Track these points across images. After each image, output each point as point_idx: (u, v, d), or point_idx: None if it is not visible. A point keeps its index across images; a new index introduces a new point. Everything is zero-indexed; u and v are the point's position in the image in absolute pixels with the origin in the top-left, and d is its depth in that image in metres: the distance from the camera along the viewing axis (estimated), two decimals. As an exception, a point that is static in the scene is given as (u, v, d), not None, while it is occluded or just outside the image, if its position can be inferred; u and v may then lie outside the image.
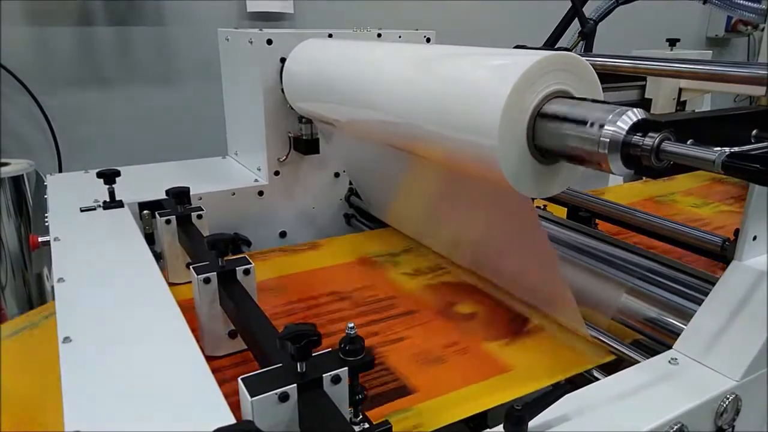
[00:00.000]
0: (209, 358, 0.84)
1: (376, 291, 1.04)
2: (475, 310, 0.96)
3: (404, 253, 1.20)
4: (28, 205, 1.90)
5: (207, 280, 0.81)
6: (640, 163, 0.57)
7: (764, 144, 0.62)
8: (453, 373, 0.80)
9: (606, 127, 0.58)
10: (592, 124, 0.59)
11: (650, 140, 0.56)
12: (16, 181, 1.88)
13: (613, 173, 0.60)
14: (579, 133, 0.60)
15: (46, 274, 1.68)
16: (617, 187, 1.70)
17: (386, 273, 1.12)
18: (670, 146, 0.55)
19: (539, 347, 0.86)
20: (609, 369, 0.79)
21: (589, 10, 1.62)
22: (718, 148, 0.53)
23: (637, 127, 0.57)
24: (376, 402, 0.73)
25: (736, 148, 0.55)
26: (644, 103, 1.67)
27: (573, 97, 0.66)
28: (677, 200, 1.57)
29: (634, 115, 0.58)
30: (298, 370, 0.58)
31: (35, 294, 1.91)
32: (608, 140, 0.58)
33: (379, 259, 1.18)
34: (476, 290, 1.03)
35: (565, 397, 0.59)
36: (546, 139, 0.64)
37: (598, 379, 0.78)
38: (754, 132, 0.68)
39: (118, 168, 1.12)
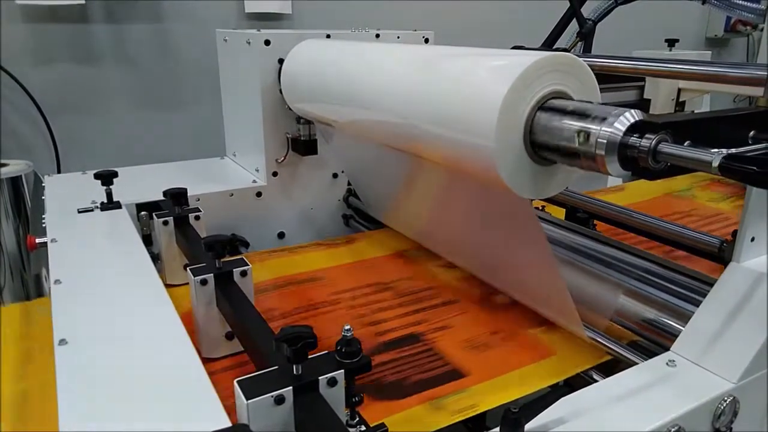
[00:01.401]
0: (206, 360, 0.84)
1: (417, 282, 1.08)
2: (513, 300, 0.99)
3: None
4: (26, 206, 1.90)
5: (204, 282, 0.81)
6: (637, 164, 0.57)
7: (762, 145, 0.61)
8: (501, 358, 0.84)
9: (603, 128, 0.58)
10: (589, 126, 0.59)
11: (647, 142, 0.55)
12: (15, 181, 1.88)
13: (610, 175, 0.60)
14: (576, 134, 0.60)
15: (45, 275, 1.68)
16: (634, 183, 1.68)
17: (424, 265, 1.15)
18: (667, 148, 0.55)
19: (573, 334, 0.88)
20: (607, 370, 0.79)
21: (588, 11, 1.62)
22: (716, 150, 0.53)
23: (634, 129, 0.57)
24: (430, 384, 0.78)
25: (733, 150, 0.54)
26: (643, 104, 1.67)
27: (570, 98, 0.65)
28: (696, 195, 1.58)
29: (632, 116, 0.57)
30: (294, 372, 0.58)
31: (34, 295, 1.91)
32: (605, 141, 0.57)
33: (414, 253, 1.20)
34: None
35: (561, 399, 0.59)
36: (543, 140, 0.64)
37: (596, 381, 0.77)
38: (752, 133, 0.68)
39: (117, 169, 1.12)
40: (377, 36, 1.35)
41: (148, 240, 1.14)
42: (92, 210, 1.09)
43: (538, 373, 0.80)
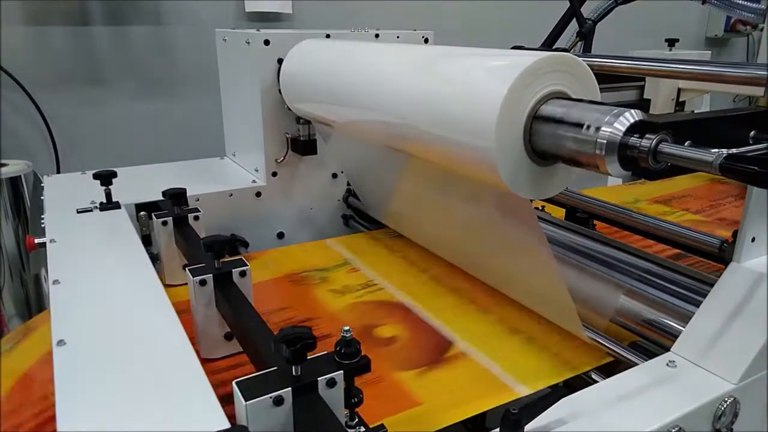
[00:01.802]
0: (205, 361, 0.84)
1: (297, 311, 0.97)
2: (395, 334, 0.90)
3: (337, 267, 1.13)
4: (25, 206, 1.90)
5: (203, 282, 0.81)
6: (637, 164, 0.57)
7: (762, 145, 0.61)
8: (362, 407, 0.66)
9: (603, 128, 0.58)
10: (589, 126, 0.59)
11: (647, 142, 0.55)
12: (14, 182, 1.88)
13: (610, 175, 0.60)
14: (576, 135, 0.60)
15: (44, 276, 1.68)
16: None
17: (312, 291, 1.05)
18: (667, 148, 0.55)
19: (453, 378, 0.79)
20: (607, 371, 0.79)
21: (588, 10, 1.62)
22: (716, 150, 0.53)
23: (634, 129, 0.57)
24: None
25: (734, 150, 0.54)
26: (643, 104, 1.66)
27: (570, 98, 0.65)
28: (641, 208, 1.50)
29: (632, 116, 0.57)
30: (293, 373, 0.57)
31: (33, 295, 1.91)
32: (605, 142, 0.57)
33: (309, 274, 1.11)
34: (404, 310, 0.97)
35: (562, 400, 0.58)
36: (543, 140, 0.64)
37: (596, 382, 0.77)
38: (753, 133, 0.68)
39: (116, 169, 1.12)
40: (377, 36, 1.35)
41: (147, 240, 1.13)
42: (91, 210, 1.09)
43: (392, 426, 0.71)
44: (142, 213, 1.14)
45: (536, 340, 0.88)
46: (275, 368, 0.59)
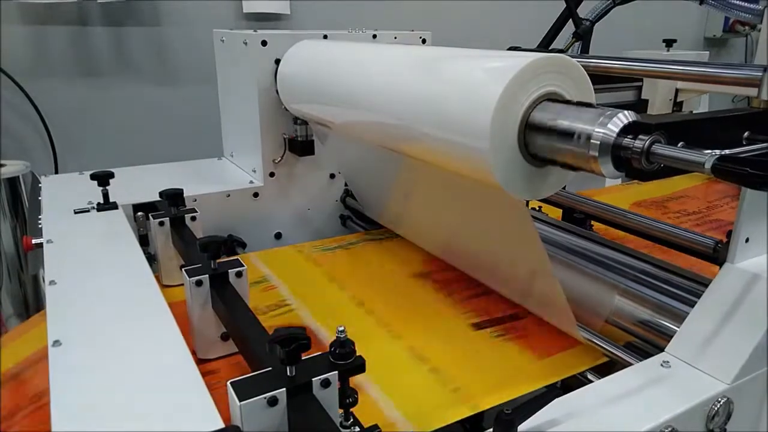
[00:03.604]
0: (202, 361, 0.84)
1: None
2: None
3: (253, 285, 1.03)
4: (23, 206, 1.90)
5: (199, 283, 0.81)
6: (630, 165, 0.57)
7: (755, 146, 0.61)
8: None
9: (596, 129, 0.58)
10: (582, 127, 0.59)
11: (640, 143, 0.55)
12: (12, 182, 1.87)
13: (603, 176, 0.60)
14: (569, 136, 0.60)
15: (42, 276, 1.68)
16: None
17: None
18: (660, 149, 0.55)
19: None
20: (603, 372, 0.79)
21: (586, 11, 1.62)
22: (709, 151, 0.53)
23: (627, 130, 0.57)
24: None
25: (727, 151, 0.54)
26: (641, 104, 1.67)
27: (565, 100, 0.65)
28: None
29: (625, 117, 0.57)
30: (288, 374, 0.58)
31: (31, 295, 1.91)
32: (598, 143, 0.57)
33: None
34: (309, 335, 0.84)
35: (555, 400, 0.59)
36: (537, 141, 0.64)
37: (591, 382, 0.77)
38: (746, 134, 0.68)
39: (114, 170, 1.12)
40: (374, 36, 1.35)
41: (144, 240, 1.14)
42: (88, 211, 1.09)
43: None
44: (139, 213, 1.14)
45: (440, 371, 0.82)
46: (270, 369, 0.59)
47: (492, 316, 0.96)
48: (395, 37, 1.37)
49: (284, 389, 0.57)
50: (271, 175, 1.31)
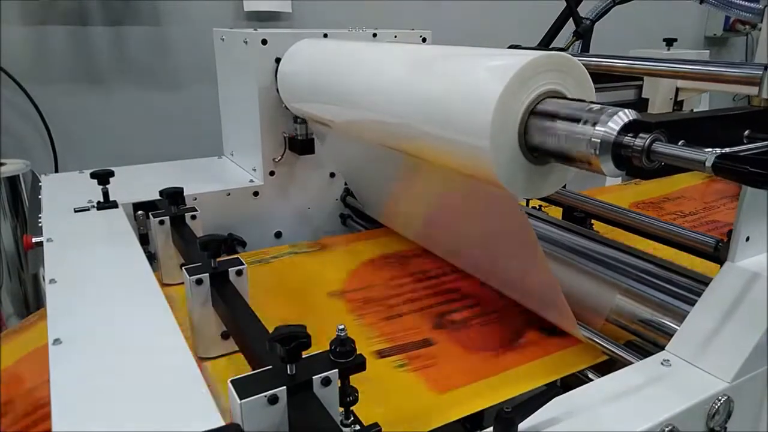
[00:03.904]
0: (202, 360, 0.84)
1: None
2: None
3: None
4: (24, 205, 1.90)
5: (199, 281, 0.81)
6: (631, 163, 0.57)
7: (756, 145, 0.61)
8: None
9: (597, 127, 0.58)
10: (583, 125, 0.59)
11: (641, 141, 0.55)
12: (12, 181, 1.87)
13: (604, 174, 0.60)
14: (570, 134, 0.60)
15: (42, 275, 1.68)
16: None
17: None
18: (660, 147, 0.55)
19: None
20: (602, 370, 0.79)
21: (586, 10, 1.62)
22: (710, 149, 0.53)
23: (628, 128, 0.57)
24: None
25: (727, 149, 0.54)
26: (641, 103, 1.67)
27: (565, 98, 0.65)
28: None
29: (625, 115, 0.57)
30: (288, 372, 0.58)
31: (31, 294, 1.91)
32: (599, 141, 0.57)
33: None
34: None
35: (555, 398, 0.59)
36: (538, 139, 0.64)
37: (591, 380, 0.77)
38: (747, 133, 0.68)
39: (114, 168, 1.12)
40: (374, 35, 1.35)
41: (144, 239, 1.13)
42: (88, 209, 1.09)
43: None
44: (139, 212, 1.14)
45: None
46: (270, 367, 0.59)
47: (398, 343, 0.88)
48: (395, 36, 1.37)
49: (285, 387, 0.57)
50: (272, 173, 1.31)
